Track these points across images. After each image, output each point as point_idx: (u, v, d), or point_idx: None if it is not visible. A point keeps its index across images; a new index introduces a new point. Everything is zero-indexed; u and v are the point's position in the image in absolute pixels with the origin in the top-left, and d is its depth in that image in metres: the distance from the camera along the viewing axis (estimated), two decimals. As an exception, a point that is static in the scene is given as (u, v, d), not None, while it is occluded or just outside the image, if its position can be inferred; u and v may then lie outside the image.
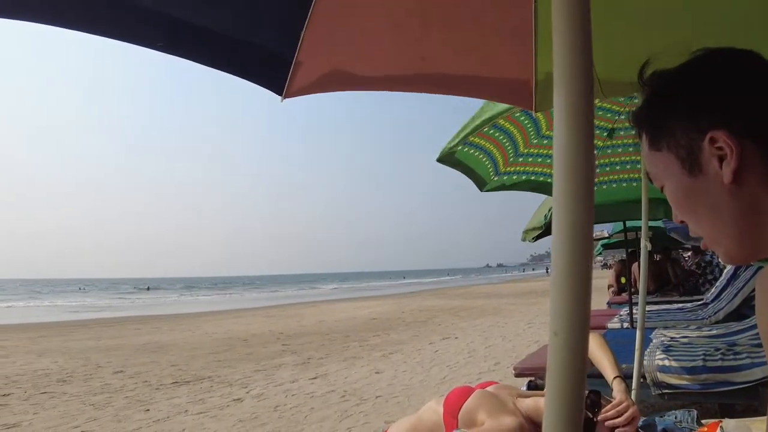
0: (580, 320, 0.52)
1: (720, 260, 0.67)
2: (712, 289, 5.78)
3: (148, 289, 55.25)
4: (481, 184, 3.17)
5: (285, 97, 1.30)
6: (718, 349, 2.93)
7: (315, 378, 6.33)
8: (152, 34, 1.10)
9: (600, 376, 1.82)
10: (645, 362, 2.85)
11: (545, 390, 0.52)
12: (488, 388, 1.91)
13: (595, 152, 3.32)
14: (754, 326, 3.47)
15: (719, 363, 2.77)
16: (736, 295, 4.89)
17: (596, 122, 3.12)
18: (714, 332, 3.74)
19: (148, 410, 5.08)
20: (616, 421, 1.54)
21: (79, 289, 57.24)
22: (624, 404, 1.57)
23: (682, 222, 0.66)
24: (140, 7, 1.04)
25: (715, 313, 4.90)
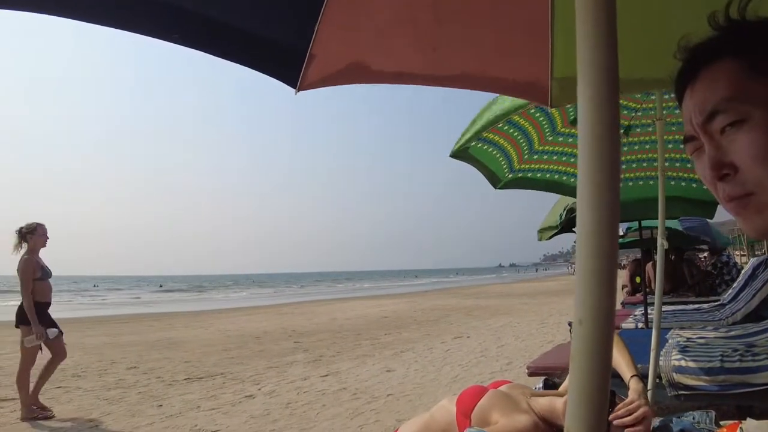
0: (605, 308, 0.51)
1: (756, 229, 0.56)
2: (729, 290, 5.69)
3: (161, 286, 55.85)
4: (495, 181, 3.15)
5: (299, 90, 1.30)
6: (736, 350, 2.88)
7: (326, 375, 6.35)
8: (167, 26, 1.10)
9: (616, 375, 1.80)
10: (661, 363, 2.81)
11: (568, 378, 0.51)
12: (501, 388, 1.90)
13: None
14: (773, 327, 3.41)
15: (737, 364, 2.72)
16: (754, 295, 4.81)
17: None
18: (732, 333, 3.68)
19: (161, 406, 5.13)
20: (625, 420, 1.51)
21: (94, 286, 58.00)
22: (635, 404, 1.54)
23: (723, 177, 0.57)
24: (157, 2, 1.05)
25: (733, 314, 4.82)
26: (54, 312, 5.19)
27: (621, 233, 9.87)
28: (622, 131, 3.21)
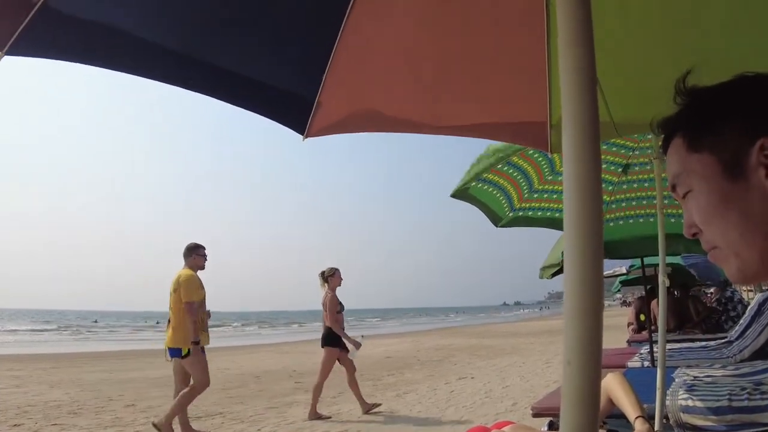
0: (592, 349, 0.54)
1: (728, 276, 0.69)
2: (736, 327, 5.62)
3: (158, 323, 55.35)
4: (496, 220, 3.19)
5: (306, 137, 1.36)
6: (743, 389, 2.84)
7: (328, 417, 6.23)
8: (185, 75, 1.17)
9: (623, 416, 1.79)
10: (667, 402, 2.77)
11: (561, 415, 0.54)
12: (505, 429, 1.88)
13: (611, 188, 3.34)
14: (781, 366, 3.36)
15: (745, 403, 2.68)
16: (761, 332, 4.75)
17: (611, 158, 3.15)
18: (740, 371, 3.62)
19: (160, 447, 5.02)
20: None
21: (95, 321, 57.49)
22: None
23: (694, 235, 0.66)
24: (176, 52, 1.12)
25: (741, 351, 4.75)
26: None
27: (624, 271, 9.84)
28: (620, 170, 3.27)
